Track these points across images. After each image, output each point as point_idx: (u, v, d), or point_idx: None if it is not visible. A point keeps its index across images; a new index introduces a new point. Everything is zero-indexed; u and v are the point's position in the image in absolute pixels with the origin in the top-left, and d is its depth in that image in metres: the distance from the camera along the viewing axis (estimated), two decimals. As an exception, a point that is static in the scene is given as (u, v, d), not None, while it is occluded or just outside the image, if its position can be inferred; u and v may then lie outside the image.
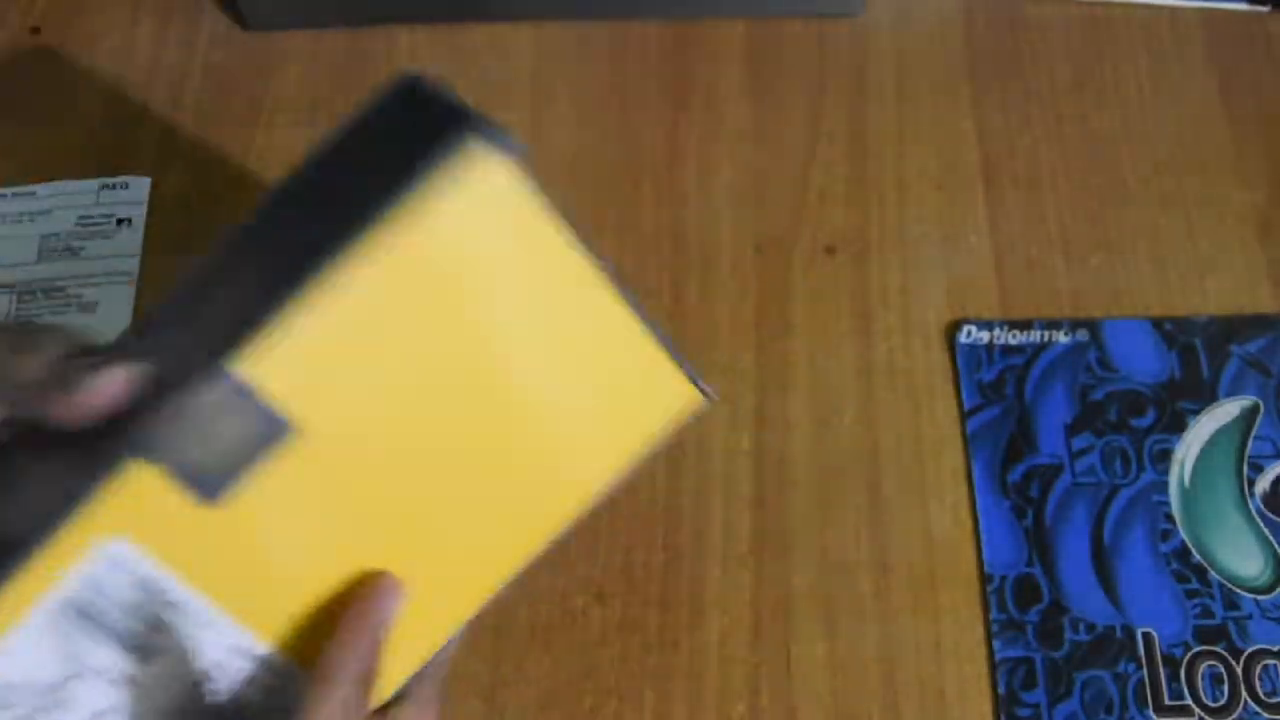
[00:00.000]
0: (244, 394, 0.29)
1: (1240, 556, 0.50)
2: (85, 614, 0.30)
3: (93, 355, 0.30)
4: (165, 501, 0.29)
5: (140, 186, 0.59)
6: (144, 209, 0.59)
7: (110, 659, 0.31)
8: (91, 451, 0.29)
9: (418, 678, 0.36)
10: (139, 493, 0.29)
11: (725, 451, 0.53)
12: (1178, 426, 0.53)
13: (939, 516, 0.52)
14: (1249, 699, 0.48)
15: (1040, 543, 0.51)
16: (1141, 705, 0.48)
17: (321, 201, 0.31)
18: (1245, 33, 0.63)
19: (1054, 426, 0.53)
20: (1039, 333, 0.55)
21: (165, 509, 0.29)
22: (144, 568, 0.30)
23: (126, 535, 0.29)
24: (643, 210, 0.59)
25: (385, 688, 0.35)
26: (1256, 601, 0.49)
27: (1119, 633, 0.49)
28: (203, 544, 0.30)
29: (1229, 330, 0.55)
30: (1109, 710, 0.48)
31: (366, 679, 0.33)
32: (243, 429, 0.29)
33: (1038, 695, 0.48)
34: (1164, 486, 0.52)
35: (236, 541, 0.31)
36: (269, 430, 0.29)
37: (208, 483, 0.29)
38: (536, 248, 0.32)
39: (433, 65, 0.63)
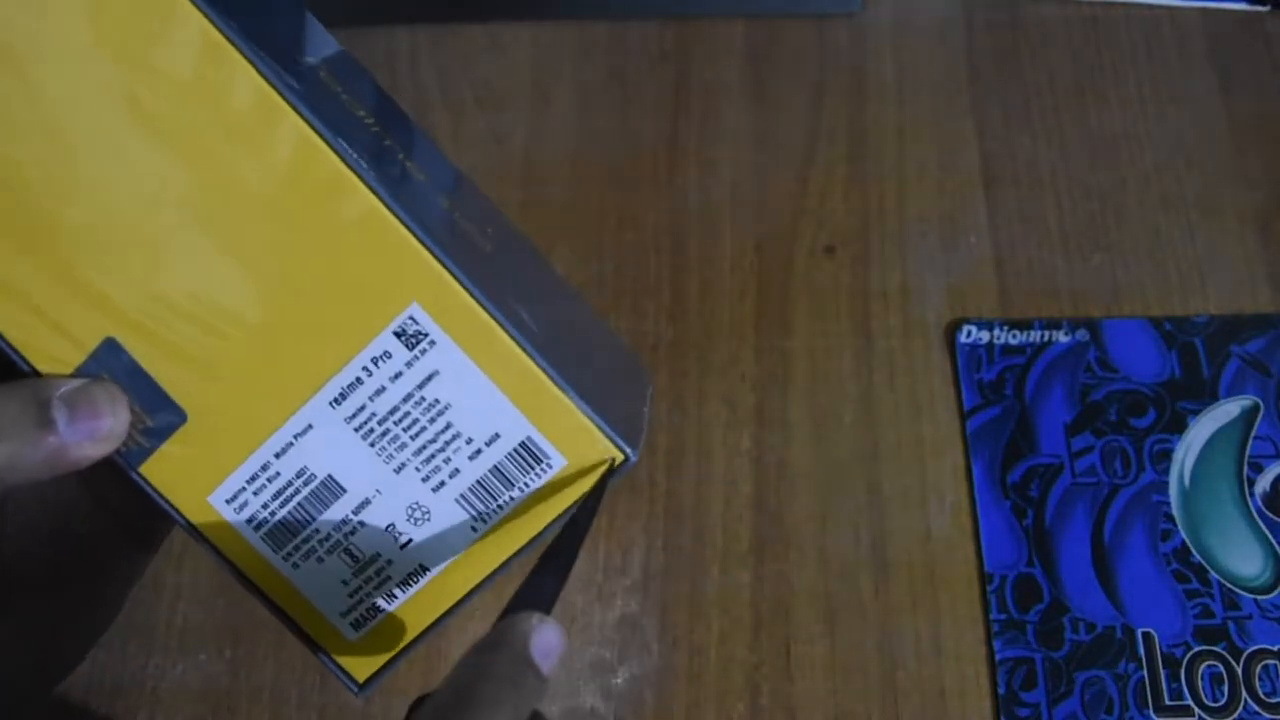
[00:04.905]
0: None
1: (1240, 556, 0.50)
2: None
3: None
4: None
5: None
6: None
7: None
8: None
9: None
10: None
11: (725, 451, 0.53)
12: (1178, 426, 0.53)
13: (939, 516, 0.52)
14: (1249, 699, 0.48)
15: (1040, 543, 0.51)
16: (1141, 705, 0.48)
17: None
18: (1245, 33, 0.63)
19: (1054, 426, 0.53)
20: (1039, 333, 0.55)
21: None
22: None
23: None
24: (643, 210, 0.59)
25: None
26: (1256, 601, 0.49)
27: (1119, 633, 0.49)
28: None
29: (1229, 330, 0.55)
30: (1109, 710, 0.48)
31: None
32: None
33: (1038, 695, 0.48)
34: (1164, 486, 0.52)
35: None
36: None
37: None
38: None
39: (433, 65, 0.63)
